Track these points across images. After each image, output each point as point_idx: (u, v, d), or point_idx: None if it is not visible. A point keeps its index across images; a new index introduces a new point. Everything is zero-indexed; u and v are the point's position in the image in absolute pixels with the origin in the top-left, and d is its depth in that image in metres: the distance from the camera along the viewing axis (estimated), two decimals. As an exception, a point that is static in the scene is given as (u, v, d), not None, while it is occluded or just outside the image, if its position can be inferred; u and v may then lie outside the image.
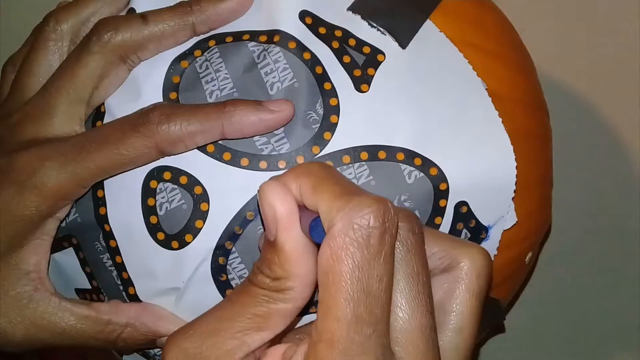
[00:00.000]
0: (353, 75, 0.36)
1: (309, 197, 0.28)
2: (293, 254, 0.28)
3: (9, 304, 0.37)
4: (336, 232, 0.26)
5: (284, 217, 0.28)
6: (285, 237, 0.28)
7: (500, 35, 0.41)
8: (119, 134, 0.35)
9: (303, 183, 0.28)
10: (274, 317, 0.28)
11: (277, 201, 0.28)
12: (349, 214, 0.26)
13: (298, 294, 0.28)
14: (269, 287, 0.28)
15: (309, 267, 0.28)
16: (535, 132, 0.41)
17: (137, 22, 0.37)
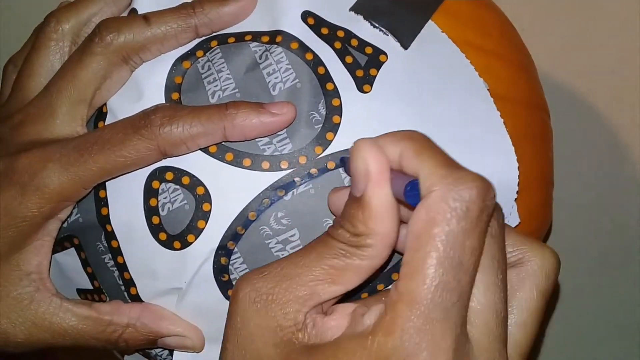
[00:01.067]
0: (355, 75, 0.36)
1: (410, 160, 0.28)
2: (380, 210, 0.27)
3: (11, 304, 0.37)
4: (437, 197, 0.26)
5: (377, 172, 0.27)
6: (375, 192, 0.27)
7: (502, 36, 0.41)
8: (121, 135, 0.35)
9: (406, 145, 0.28)
10: (348, 272, 0.28)
11: (371, 157, 0.28)
12: (453, 182, 0.26)
13: (376, 252, 0.28)
14: (349, 241, 0.28)
15: (392, 228, 0.28)
16: (537, 132, 0.41)
17: (140, 23, 0.36)
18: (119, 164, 0.35)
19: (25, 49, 0.41)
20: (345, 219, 0.28)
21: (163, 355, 0.40)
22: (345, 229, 0.28)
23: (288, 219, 0.35)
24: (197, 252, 0.36)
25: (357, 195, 0.28)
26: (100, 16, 0.39)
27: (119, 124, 0.36)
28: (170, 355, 0.39)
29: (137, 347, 0.38)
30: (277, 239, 0.35)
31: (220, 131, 0.35)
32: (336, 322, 0.29)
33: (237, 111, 0.35)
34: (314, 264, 0.28)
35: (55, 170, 0.35)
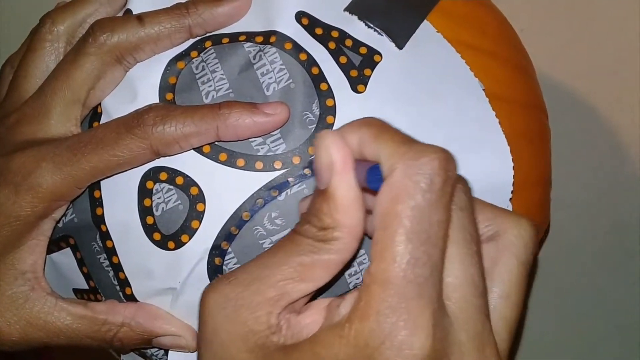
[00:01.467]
0: (349, 75, 0.36)
1: (369, 145, 0.27)
2: (345, 201, 0.27)
3: (6, 303, 0.37)
4: (399, 175, 0.26)
5: (339, 162, 0.27)
6: (339, 183, 0.27)
7: (499, 35, 0.41)
8: (114, 135, 0.35)
9: (364, 132, 0.28)
10: (317, 268, 0.28)
11: (334, 148, 0.27)
12: (413, 157, 0.26)
13: (344, 245, 0.27)
14: (315, 236, 0.27)
15: (359, 218, 0.27)
16: (534, 132, 0.41)
17: (134, 23, 0.37)
18: (112, 164, 0.35)
19: (22, 50, 0.41)
20: (311, 213, 0.28)
21: (159, 355, 0.40)
22: (312, 223, 0.28)
23: (282, 219, 0.35)
24: (191, 252, 0.36)
25: (321, 188, 0.28)
26: (95, 17, 0.39)
27: (112, 123, 0.36)
28: (165, 355, 0.39)
29: (132, 346, 0.38)
30: (271, 239, 0.35)
31: (213, 131, 0.35)
32: (311, 318, 0.28)
33: (230, 111, 0.35)
34: (281, 263, 0.28)
35: (48, 169, 0.35)
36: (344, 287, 0.35)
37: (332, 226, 0.27)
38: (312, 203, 0.28)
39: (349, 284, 0.35)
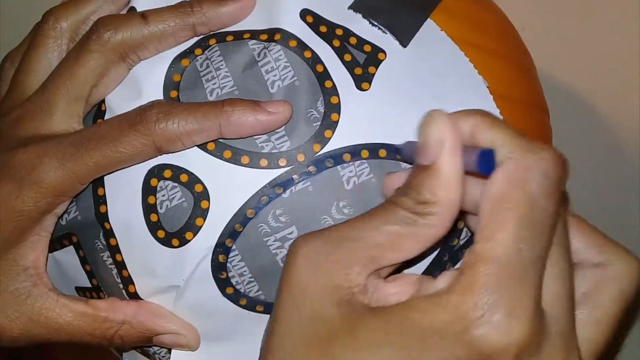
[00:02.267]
0: (354, 73, 0.36)
1: (485, 131, 0.28)
2: (450, 178, 0.27)
3: (7, 299, 0.37)
4: (517, 162, 0.27)
5: (452, 140, 0.28)
6: (448, 160, 0.27)
7: (501, 35, 0.41)
8: (116, 131, 0.35)
9: (479, 119, 0.28)
10: (409, 239, 0.28)
11: (447, 126, 0.28)
12: (532, 149, 0.27)
13: (440, 221, 0.28)
14: (413, 208, 0.28)
15: (459, 197, 0.28)
16: (536, 131, 0.41)
17: (138, 21, 0.37)
18: (115, 159, 0.35)
19: (23, 45, 0.41)
20: (410, 187, 0.28)
21: (161, 353, 0.40)
22: (410, 196, 0.28)
23: (286, 217, 0.35)
24: (196, 249, 0.36)
25: (426, 163, 0.28)
26: (98, 14, 0.39)
27: (115, 119, 0.36)
28: (168, 354, 0.39)
29: (132, 344, 0.38)
30: (275, 237, 0.35)
31: (216, 128, 0.35)
32: (400, 288, 0.29)
33: (233, 109, 0.35)
34: (375, 228, 0.28)
35: (51, 165, 0.35)
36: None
37: (432, 201, 0.27)
38: (412, 177, 0.28)
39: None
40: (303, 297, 0.28)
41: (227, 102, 0.35)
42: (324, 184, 0.35)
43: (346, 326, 0.27)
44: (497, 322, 0.26)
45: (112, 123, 0.36)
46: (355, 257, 0.28)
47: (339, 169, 0.35)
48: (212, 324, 0.38)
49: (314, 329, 0.28)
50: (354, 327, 0.27)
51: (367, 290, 0.28)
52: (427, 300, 0.27)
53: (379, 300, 0.28)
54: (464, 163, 0.28)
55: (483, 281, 0.26)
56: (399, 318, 0.27)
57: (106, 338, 0.38)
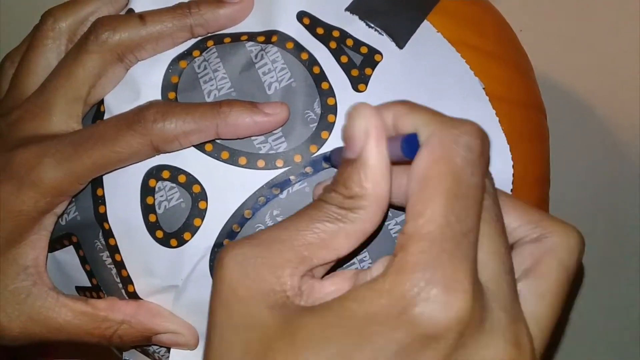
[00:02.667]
0: (350, 75, 0.36)
1: (405, 117, 0.28)
2: (376, 170, 0.27)
3: (7, 298, 0.37)
4: (439, 139, 0.26)
5: (374, 130, 0.27)
6: (372, 151, 0.27)
7: (498, 36, 0.41)
8: (114, 131, 0.35)
9: (398, 108, 0.28)
10: (340, 236, 0.27)
11: (369, 117, 0.27)
12: (453, 125, 0.27)
13: (370, 215, 0.27)
14: (341, 203, 0.27)
15: (387, 189, 0.27)
16: (533, 132, 0.41)
17: (135, 22, 0.37)
18: (113, 159, 0.35)
19: (22, 46, 0.41)
20: (337, 182, 0.28)
21: (161, 352, 0.40)
22: (338, 191, 0.27)
23: (283, 217, 0.35)
24: (194, 249, 0.36)
25: (352, 157, 0.28)
26: (97, 15, 0.39)
27: (113, 119, 0.36)
28: (167, 353, 0.40)
29: (131, 343, 0.38)
30: None
31: (213, 129, 0.35)
32: (336, 286, 0.28)
33: (231, 110, 0.35)
34: (304, 227, 0.27)
35: (50, 165, 0.35)
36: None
37: (360, 194, 0.27)
38: (339, 172, 0.28)
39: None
40: (235, 304, 0.27)
41: (225, 103, 0.35)
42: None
43: (283, 329, 0.26)
44: (435, 298, 0.25)
45: (110, 123, 0.36)
46: (285, 259, 0.27)
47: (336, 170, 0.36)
48: (210, 323, 0.38)
49: (249, 335, 0.27)
50: (291, 329, 0.26)
51: (301, 292, 0.27)
52: (363, 288, 0.26)
53: (316, 301, 0.27)
54: (391, 153, 0.27)
55: (416, 259, 0.25)
56: (335, 312, 0.26)
57: (105, 337, 0.38)
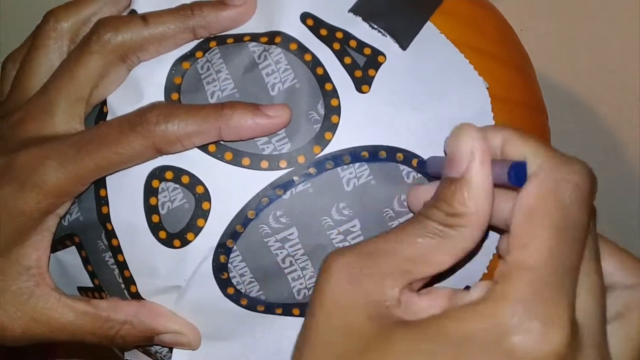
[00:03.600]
0: (354, 76, 0.36)
1: (515, 143, 0.28)
2: (480, 189, 0.28)
3: (10, 299, 0.37)
4: (550, 174, 0.27)
5: (480, 151, 0.28)
6: (477, 171, 0.28)
7: (500, 37, 0.41)
8: (117, 132, 0.35)
9: (508, 132, 0.29)
10: (440, 252, 0.28)
11: (476, 138, 0.28)
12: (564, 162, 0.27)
13: (471, 233, 0.28)
14: (443, 221, 0.28)
15: (489, 209, 0.28)
16: (534, 132, 0.41)
17: (138, 23, 0.37)
18: (115, 161, 0.35)
19: (24, 46, 0.41)
20: (440, 199, 0.28)
21: (163, 352, 0.40)
22: (440, 208, 0.28)
23: (287, 218, 0.36)
24: (197, 250, 0.36)
25: (455, 176, 0.28)
26: (99, 16, 0.39)
27: (116, 121, 0.36)
28: (170, 353, 0.40)
29: (133, 343, 0.39)
30: (276, 238, 0.36)
31: (216, 131, 0.35)
32: (433, 302, 0.29)
33: (233, 112, 0.35)
34: (407, 241, 0.28)
35: (52, 166, 0.35)
36: None
37: (462, 212, 0.28)
38: (441, 189, 0.29)
39: None
40: (337, 311, 0.28)
41: (227, 105, 0.35)
42: (324, 186, 0.36)
43: (380, 339, 0.27)
44: (535, 330, 0.25)
45: (113, 124, 0.36)
46: (388, 271, 0.28)
47: (339, 170, 0.36)
48: (213, 323, 0.38)
49: (347, 342, 0.28)
50: (388, 339, 0.27)
51: (400, 304, 0.28)
52: (462, 309, 0.27)
53: (412, 314, 0.28)
54: (494, 175, 0.28)
55: (519, 289, 0.26)
56: (433, 328, 0.27)
57: (108, 338, 0.38)
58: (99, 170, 0.36)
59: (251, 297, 0.37)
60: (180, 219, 0.36)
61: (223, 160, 0.36)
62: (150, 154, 0.36)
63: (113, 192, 0.37)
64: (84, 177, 0.36)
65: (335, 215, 0.36)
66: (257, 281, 0.36)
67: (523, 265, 0.26)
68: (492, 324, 0.26)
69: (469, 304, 0.27)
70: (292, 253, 0.36)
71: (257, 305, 0.37)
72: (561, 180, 0.27)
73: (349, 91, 0.36)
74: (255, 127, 0.35)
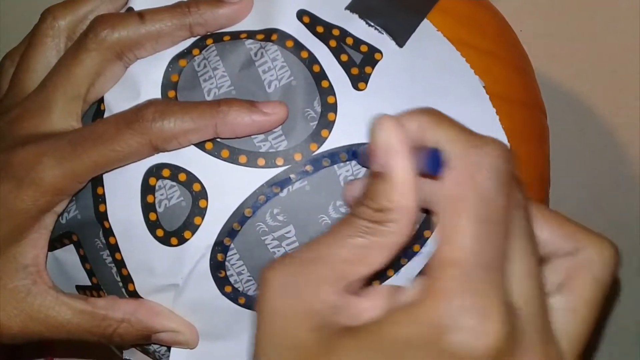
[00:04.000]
0: (350, 73, 0.36)
1: (430, 131, 0.28)
2: (402, 182, 0.27)
3: (7, 297, 0.37)
4: (465, 159, 0.26)
5: (398, 144, 0.27)
6: (397, 164, 0.27)
7: (498, 35, 0.41)
8: (113, 130, 0.35)
9: (423, 119, 0.28)
10: (373, 250, 0.27)
11: (393, 130, 0.27)
12: (479, 145, 0.26)
13: (400, 227, 0.27)
14: (371, 217, 0.27)
15: (414, 201, 0.27)
16: (533, 131, 0.41)
17: (134, 20, 0.37)
18: (112, 158, 0.35)
19: (22, 45, 0.41)
20: (366, 196, 0.28)
21: (161, 351, 0.40)
22: (367, 205, 0.28)
23: (284, 216, 0.36)
24: (194, 248, 0.36)
25: (377, 170, 0.28)
26: (96, 13, 0.39)
27: (112, 118, 0.36)
28: (168, 351, 0.40)
29: (131, 342, 0.38)
30: (273, 235, 0.36)
31: (212, 128, 0.35)
32: (372, 302, 0.28)
33: (229, 109, 0.35)
34: (338, 244, 0.28)
35: (50, 164, 0.35)
36: None
37: (389, 207, 0.27)
38: (366, 186, 0.28)
39: None
40: (278, 324, 0.28)
41: (224, 102, 0.35)
42: (320, 183, 0.36)
43: (323, 350, 0.27)
44: (469, 327, 0.25)
45: (109, 122, 0.36)
46: (323, 277, 0.27)
47: (336, 168, 0.36)
48: (211, 322, 0.38)
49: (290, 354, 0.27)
50: (331, 349, 0.27)
51: (339, 310, 0.27)
52: (400, 312, 0.26)
53: (355, 317, 0.28)
54: (416, 165, 0.27)
55: (449, 286, 0.25)
56: (374, 335, 0.26)
57: (105, 336, 0.38)
58: (96, 167, 0.36)
59: (249, 296, 0.37)
60: (177, 217, 0.36)
61: (220, 158, 0.36)
62: (147, 151, 0.36)
63: (110, 190, 0.37)
64: (81, 175, 0.36)
65: (332, 213, 0.36)
66: (255, 279, 0.36)
67: (450, 261, 0.26)
68: (428, 326, 0.25)
69: (406, 306, 0.26)
70: (290, 251, 0.36)
71: (254, 304, 0.37)
72: (475, 165, 0.26)
73: (345, 88, 0.36)
74: (251, 124, 0.35)
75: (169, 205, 0.36)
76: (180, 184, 0.36)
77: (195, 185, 0.36)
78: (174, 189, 0.36)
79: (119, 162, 0.36)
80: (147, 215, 0.37)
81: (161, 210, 0.36)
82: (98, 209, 0.37)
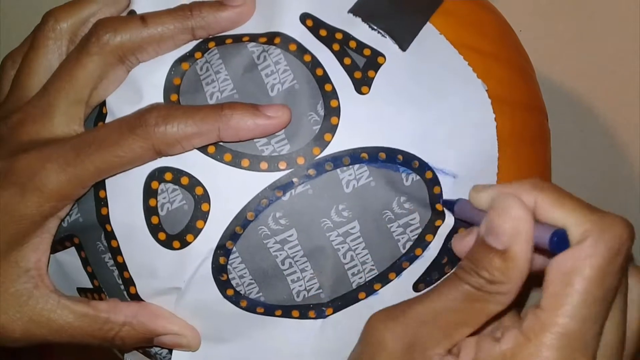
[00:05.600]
0: (354, 77, 0.36)
1: (549, 210, 0.30)
2: (523, 264, 0.29)
3: (9, 300, 0.37)
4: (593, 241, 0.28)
5: (527, 231, 0.29)
6: (522, 249, 0.29)
7: (500, 38, 0.41)
8: (116, 135, 0.35)
9: (541, 197, 0.30)
10: (480, 315, 0.30)
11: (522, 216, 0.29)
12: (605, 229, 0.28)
13: (508, 299, 0.29)
14: (483, 288, 0.29)
15: (525, 277, 0.29)
16: (535, 133, 0.41)
17: (136, 23, 0.37)
18: (115, 163, 0.35)
19: (23, 46, 0.41)
20: (480, 266, 0.30)
21: (162, 354, 0.40)
22: (481, 276, 0.29)
23: (286, 219, 0.36)
24: (196, 251, 0.36)
25: (499, 247, 0.29)
26: (98, 16, 0.39)
27: (115, 123, 0.36)
28: (169, 354, 0.40)
29: (133, 345, 0.38)
30: (275, 239, 0.36)
31: (215, 132, 0.35)
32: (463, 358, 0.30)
33: (232, 112, 0.35)
34: (447, 309, 0.30)
35: (53, 170, 0.35)
36: None
37: (504, 282, 0.29)
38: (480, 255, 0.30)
39: None
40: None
41: (227, 106, 0.35)
42: (323, 187, 0.36)
43: None
44: None
45: (112, 127, 0.36)
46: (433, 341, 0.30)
47: (339, 172, 0.36)
48: (212, 325, 0.38)
49: None
50: None
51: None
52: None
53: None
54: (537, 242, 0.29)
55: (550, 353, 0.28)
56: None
57: (107, 339, 0.38)
58: (99, 173, 0.36)
59: (251, 299, 0.37)
60: (179, 221, 0.36)
61: (222, 162, 0.36)
62: (150, 156, 0.36)
63: (112, 194, 0.37)
64: (85, 181, 0.36)
65: (335, 217, 0.35)
66: (257, 283, 0.36)
67: (554, 328, 0.28)
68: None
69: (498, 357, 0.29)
70: (292, 255, 0.36)
71: (256, 307, 0.37)
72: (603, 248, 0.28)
73: (348, 92, 0.36)
74: (254, 128, 0.35)
75: (171, 208, 0.36)
76: (182, 188, 0.36)
77: (197, 188, 0.36)
78: (176, 193, 0.36)
79: (123, 167, 0.36)
80: (149, 219, 0.37)
81: (163, 213, 0.36)
82: (100, 212, 0.37)
